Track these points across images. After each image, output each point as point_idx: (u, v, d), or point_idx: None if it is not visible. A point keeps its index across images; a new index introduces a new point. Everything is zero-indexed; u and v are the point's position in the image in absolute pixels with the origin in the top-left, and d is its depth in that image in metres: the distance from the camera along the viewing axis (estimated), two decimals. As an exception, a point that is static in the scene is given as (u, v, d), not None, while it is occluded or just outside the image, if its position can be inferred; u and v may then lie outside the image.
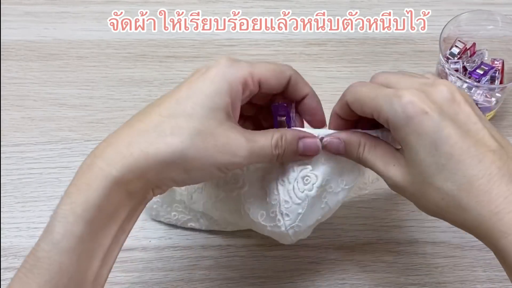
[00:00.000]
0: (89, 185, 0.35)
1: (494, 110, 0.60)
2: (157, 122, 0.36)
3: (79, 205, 0.34)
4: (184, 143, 0.35)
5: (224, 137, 0.37)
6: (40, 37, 0.68)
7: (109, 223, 0.36)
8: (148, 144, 0.35)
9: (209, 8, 0.71)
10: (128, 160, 0.35)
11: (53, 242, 0.34)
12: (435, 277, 0.53)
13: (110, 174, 0.35)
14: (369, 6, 0.70)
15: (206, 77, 0.37)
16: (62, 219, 0.34)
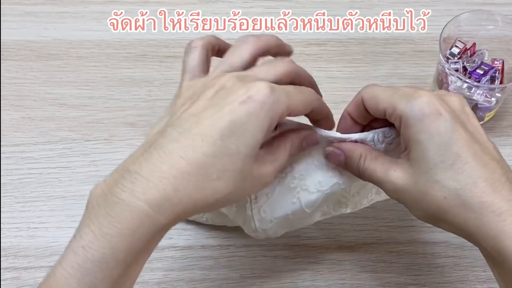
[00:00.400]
0: (134, 231, 0.32)
1: (494, 110, 0.60)
2: (204, 165, 0.33)
3: (122, 251, 0.32)
4: (229, 186, 0.34)
5: (258, 170, 0.37)
6: (40, 37, 0.68)
7: (143, 258, 0.35)
8: (195, 190, 0.33)
9: (209, 8, 0.71)
10: (177, 208, 0.33)
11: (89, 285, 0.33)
12: (435, 277, 0.53)
13: (159, 222, 0.33)
14: (369, 6, 0.70)
15: (251, 111, 0.34)
16: (101, 264, 0.32)
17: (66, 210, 0.57)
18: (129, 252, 0.33)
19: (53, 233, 0.56)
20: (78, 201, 0.57)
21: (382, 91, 0.39)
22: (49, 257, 0.55)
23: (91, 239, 0.33)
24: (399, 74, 0.65)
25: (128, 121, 0.62)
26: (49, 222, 0.56)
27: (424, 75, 0.64)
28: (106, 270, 0.32)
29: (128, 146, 0.61)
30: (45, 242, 0.55)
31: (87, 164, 0.60)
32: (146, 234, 0.33)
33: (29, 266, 0.54)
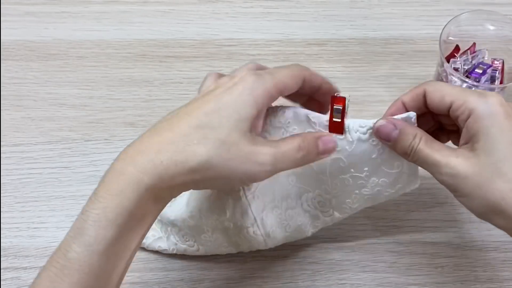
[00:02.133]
0: (122, 191, 0.36)
1: (494, 110, 0.59)
2: (186, 132, 0.38)
3: (111, 210, 0.36)
4: (210, 152, 0.37)
5: (248, 147, 0.38)
6: (40, 37, 0.68)
7: (137, 227, 0.38)
8: (177, 153, 0.37)
9: (209, 8, 0.71)
10: (159, 169, 0.37)
11: (85, 244, 0.36)
12: (435, 277, 0.53)
13: (143, 181, 0.37)
14: (369, 6, 0.71)
15: (233, 92, 0.39)
16: (94, 223, 0.36)
17: (66, 210, 0.57)
18: (119, 212, 0.36)
19: (53, 233, 0.56)
20: (78, 201, 0.57)
21: (449, 86, 0.41)
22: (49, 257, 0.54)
23: (88, 203, 0.37)
24: (399, 74, 0.65)
25: (128, 121, 0.62)
26: (49, 222, 0.56)
27: (424, 75, 0.64)
28: (99, 229, 0.36)
29: (128, 146, 0.61)
30: (45, 242, 0.55)
31: (87, 164, 0.60)
32: (132, 193, 0.36)
33: (29, 266, 0.54)
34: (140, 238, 0.39)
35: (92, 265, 0.36)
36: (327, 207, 0.50)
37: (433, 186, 0.57)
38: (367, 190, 0.48)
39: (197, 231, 0.50)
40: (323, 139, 0.43)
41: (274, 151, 0.40)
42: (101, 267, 0.36)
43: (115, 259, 0.37)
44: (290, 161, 0.41)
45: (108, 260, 0.36)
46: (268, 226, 0.48)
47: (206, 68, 0.66)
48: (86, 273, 0.36)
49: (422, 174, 0.58)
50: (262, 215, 0.48)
